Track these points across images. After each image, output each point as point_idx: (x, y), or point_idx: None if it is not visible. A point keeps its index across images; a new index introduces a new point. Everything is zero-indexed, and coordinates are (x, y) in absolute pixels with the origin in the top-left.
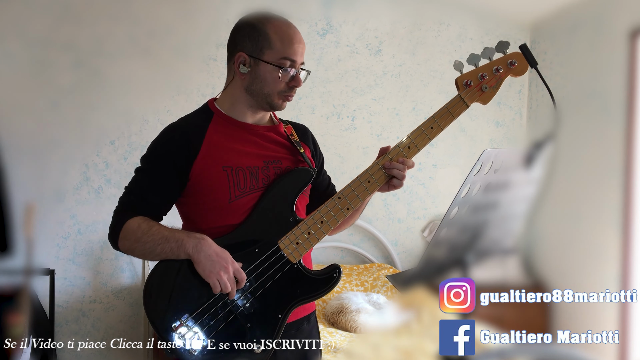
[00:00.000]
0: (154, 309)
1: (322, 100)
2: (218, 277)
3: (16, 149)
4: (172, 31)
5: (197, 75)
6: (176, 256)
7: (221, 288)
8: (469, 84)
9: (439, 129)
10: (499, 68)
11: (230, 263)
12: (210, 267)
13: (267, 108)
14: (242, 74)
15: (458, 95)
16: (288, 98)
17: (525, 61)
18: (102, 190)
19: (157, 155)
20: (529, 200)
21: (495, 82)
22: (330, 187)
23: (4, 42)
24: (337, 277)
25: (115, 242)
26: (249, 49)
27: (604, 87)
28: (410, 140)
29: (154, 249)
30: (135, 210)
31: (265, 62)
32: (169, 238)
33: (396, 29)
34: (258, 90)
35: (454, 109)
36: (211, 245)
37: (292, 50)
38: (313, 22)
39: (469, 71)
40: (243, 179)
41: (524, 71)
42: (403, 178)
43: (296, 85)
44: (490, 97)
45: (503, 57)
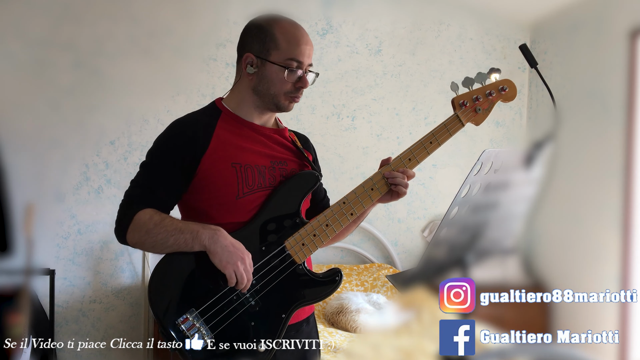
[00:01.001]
0: (159, 304)
1: (322, 100)
2: (235, 268)
3: (16, 149)
4: (172, 31)
5: (197, 75)
6: (190, 248)
7: (237, 279)
8: (464, 104)
9: (437, 144)
10: (491, 92)
11: (247, 254)
12: (228, 257)
13: (274, 109)
14: (249, 74)
15: (455, 114)
16: (295, 99)
17: (514, 88)
18: (102, 190)
19: (165, 149)
20: (529, 200)
21: (487, 104)
22: (325, 199)
23: (4, 42)
24: (339, 281)
25: (123, 235)
26: (256, 49)
27: (604, 87)
28: (412, 153)
29: (167, 241)
30: (144, 203)
31: (272, 62)
32: (183, 229)
33: (396, 29)
34: (265, 91)
35: (451, 126)
36: (227, 237)
37: (299, 51)
38: (313, 22)
39: (465, 92)
40: (252, 176)
41: (514, 97)
42: (406, 187)
43: (303, 86)
44: (482, 119)
45: (495, 82)
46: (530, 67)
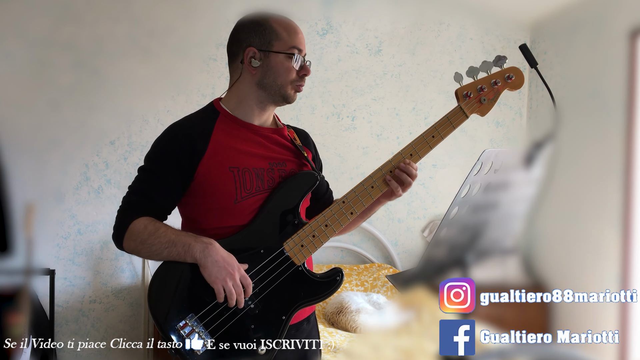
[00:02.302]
0: (158, 308)
1: (322, 100)
2: (224, 284)
3: (16, 149)
4: (172, 31)
5: (197, 75)
6: (182, 260)
7: (226, 295)
8: (468, 96)
9: (439, 137)
10: (497, 81)
11: (237, 269)
12: (217, 273)
13: (280, 100)
14: (253, 68)
15: (458, 106)
16: (299, 88)
17: (522, 75)
18: (102, 190)
19: (161, 154)
20: (529, 200)
21: (493, 94)
22: (328, 192)
23: (4, 42)
24: (340, 281)
25: (120, 242)
26: (258, 43)
27: (604, 87)
28: (413, 148)
29: (161, 252)
30: (140, 211)
31: (277, 52)
32: (175, 242)
33: (396, 29)
34: (271, 83)
35: (454, 118)
36: (219, 251)
37: (298, 39)
38: (313, 22)
39: (469, 83)
40: (249, 180)
41: (521, 85)
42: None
43: (306, 73)
44: (488, 109)
45: (501, 70)
46: (530, 67)
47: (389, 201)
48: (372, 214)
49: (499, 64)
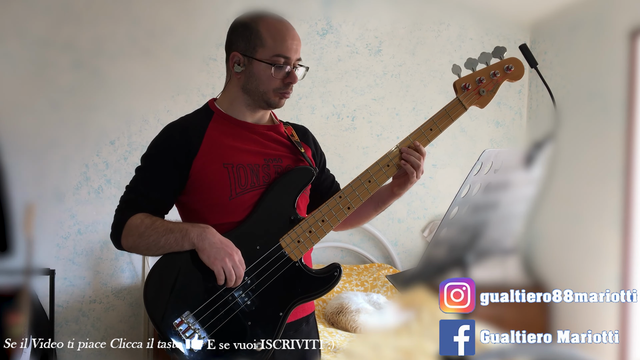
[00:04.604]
0: (154, 306)
1: (322, 100)
2: (223, 264)
3: (16, 149)
4: (172, 31)
5: (197, 75)
6: (180, 247)
7: (226, 276)
8: (467, 87)
9: (437, 130)
10: (496, 72)
11: (235, 251)
12: (215, 253)
13: (265, 106)
14: (237, 73)
15: (456, 98)
16: (285, 95)
17: (521, 66)
18: (102, 190)
19: (157, 152)
20: (529, 200)
21: (492, 86)
22: (334, 186)
23: (4, 42)
24: (338, 276)
25: (118, 240)
26: (243, 48)
27: (604, 87)
28: (411, 142)
29: (158, 241)
30: (137, 208)
31: (258, 60)
32: (173, 229)
33: (396, 29)
34: (254, 89)
35: (452, 111)
36: (215, 234)
37: (285, 47)
38: (313, 22)
39: (467, 75)
40: (244, 176)
41: (520, 76)
42: (418, 168)
43: (291, 81)
44: (487, 101)
45: (500, 61)
46: (530, 67)
47: (403, 192)
48: (386, 207)
49: (498, 55)
